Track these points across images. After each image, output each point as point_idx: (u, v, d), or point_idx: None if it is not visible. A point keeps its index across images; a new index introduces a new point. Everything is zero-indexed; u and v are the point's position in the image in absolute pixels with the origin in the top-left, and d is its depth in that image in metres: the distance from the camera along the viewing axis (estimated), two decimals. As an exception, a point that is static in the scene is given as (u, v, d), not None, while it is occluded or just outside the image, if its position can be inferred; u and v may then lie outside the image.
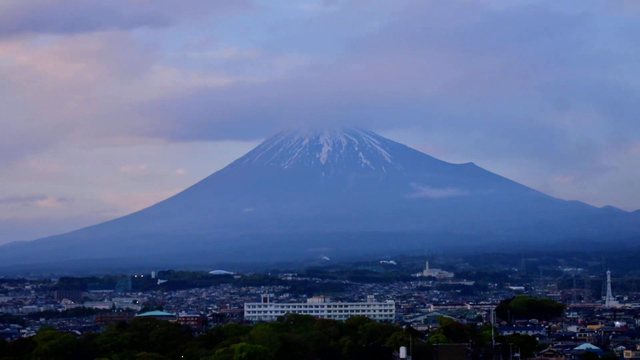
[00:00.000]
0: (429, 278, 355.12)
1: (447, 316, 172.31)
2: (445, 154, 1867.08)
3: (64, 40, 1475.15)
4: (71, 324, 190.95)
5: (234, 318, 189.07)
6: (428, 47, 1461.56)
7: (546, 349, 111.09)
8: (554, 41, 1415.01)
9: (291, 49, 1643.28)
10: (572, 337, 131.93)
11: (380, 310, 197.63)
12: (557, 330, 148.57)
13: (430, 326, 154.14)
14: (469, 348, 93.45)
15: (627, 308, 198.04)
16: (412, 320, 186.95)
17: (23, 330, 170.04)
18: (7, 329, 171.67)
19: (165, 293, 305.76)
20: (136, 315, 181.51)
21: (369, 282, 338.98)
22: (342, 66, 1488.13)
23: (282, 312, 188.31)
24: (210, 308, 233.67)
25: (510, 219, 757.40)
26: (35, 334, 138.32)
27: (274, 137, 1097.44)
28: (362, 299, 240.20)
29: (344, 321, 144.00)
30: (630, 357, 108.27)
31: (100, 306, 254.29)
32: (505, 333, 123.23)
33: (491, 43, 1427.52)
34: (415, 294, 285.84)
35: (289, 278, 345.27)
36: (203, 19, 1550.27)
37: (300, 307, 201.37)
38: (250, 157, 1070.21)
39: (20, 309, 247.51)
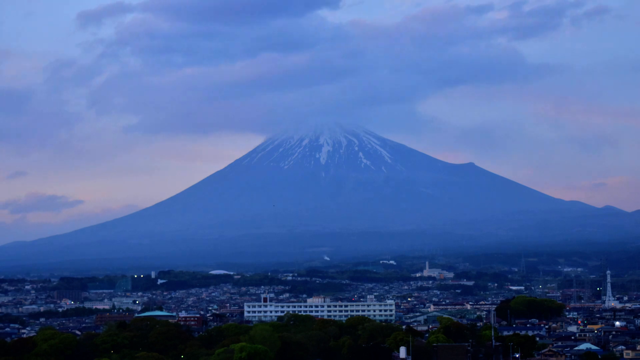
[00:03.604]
0: (429, 278, 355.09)
1: (447, 316, 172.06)
2: (445, 154, 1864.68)
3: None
4: (71, 324, 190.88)
5: (234, 318, 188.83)
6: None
7: (546, 349, 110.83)
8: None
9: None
10: (572, 337, 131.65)
11: (380, 310, 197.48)
12: (557, 330, 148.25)
13: (430, 326, 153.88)
14: (469, 348, 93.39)
15: (627, 308, 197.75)
16: (412, 320, 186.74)
17: (23, 330, 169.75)
18: (7, 329, 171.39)
19: (165, 293, 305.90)
20: (136, 315, 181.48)
21: (369, 282, 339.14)
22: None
23: (282, 312, 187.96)
24: (210, 308, 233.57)
25: (510, 219, 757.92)
26: (35, 334, 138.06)
27: (274, 137, 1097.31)
28: (362, 299, 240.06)
29: (344, 321, 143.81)
30: (630, 357, 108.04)
31: (100, 306, 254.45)
32: (505, 333, 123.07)
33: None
34: (415, 294, 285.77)
35: (289, 278, 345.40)
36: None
37: (300, 307, 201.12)
38: (250, 157, 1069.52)
39: (20, 309, 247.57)
